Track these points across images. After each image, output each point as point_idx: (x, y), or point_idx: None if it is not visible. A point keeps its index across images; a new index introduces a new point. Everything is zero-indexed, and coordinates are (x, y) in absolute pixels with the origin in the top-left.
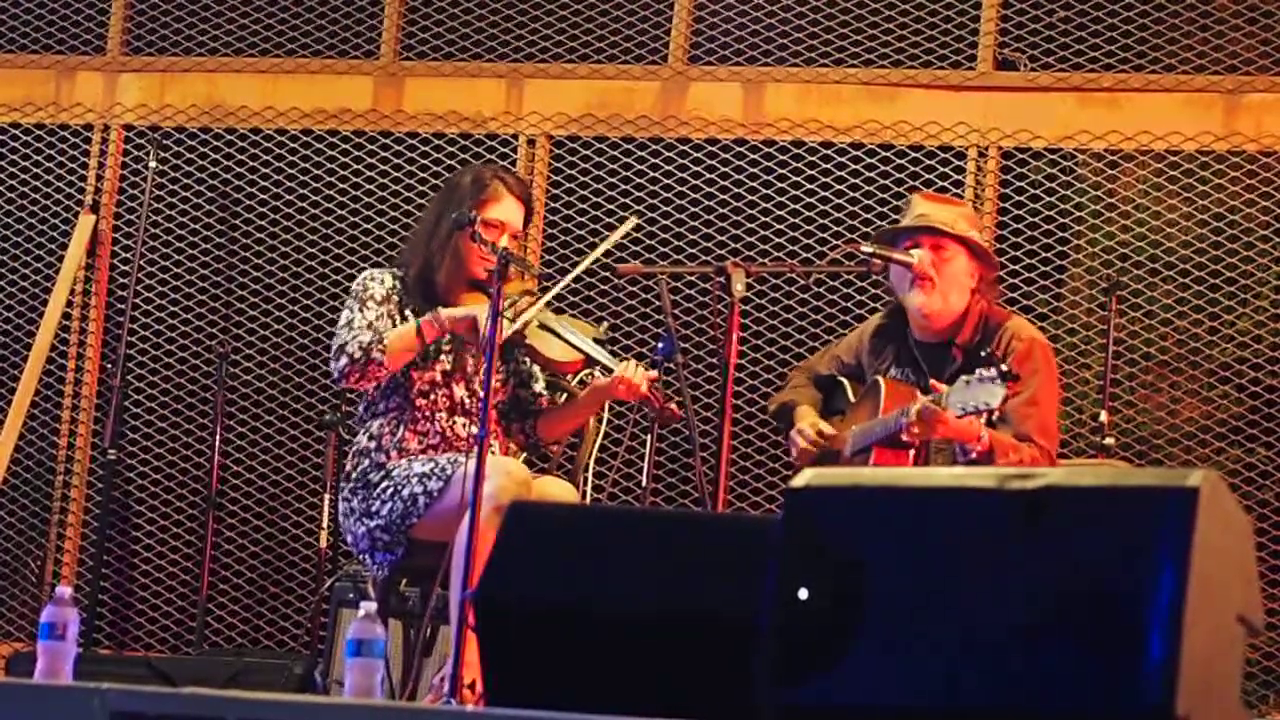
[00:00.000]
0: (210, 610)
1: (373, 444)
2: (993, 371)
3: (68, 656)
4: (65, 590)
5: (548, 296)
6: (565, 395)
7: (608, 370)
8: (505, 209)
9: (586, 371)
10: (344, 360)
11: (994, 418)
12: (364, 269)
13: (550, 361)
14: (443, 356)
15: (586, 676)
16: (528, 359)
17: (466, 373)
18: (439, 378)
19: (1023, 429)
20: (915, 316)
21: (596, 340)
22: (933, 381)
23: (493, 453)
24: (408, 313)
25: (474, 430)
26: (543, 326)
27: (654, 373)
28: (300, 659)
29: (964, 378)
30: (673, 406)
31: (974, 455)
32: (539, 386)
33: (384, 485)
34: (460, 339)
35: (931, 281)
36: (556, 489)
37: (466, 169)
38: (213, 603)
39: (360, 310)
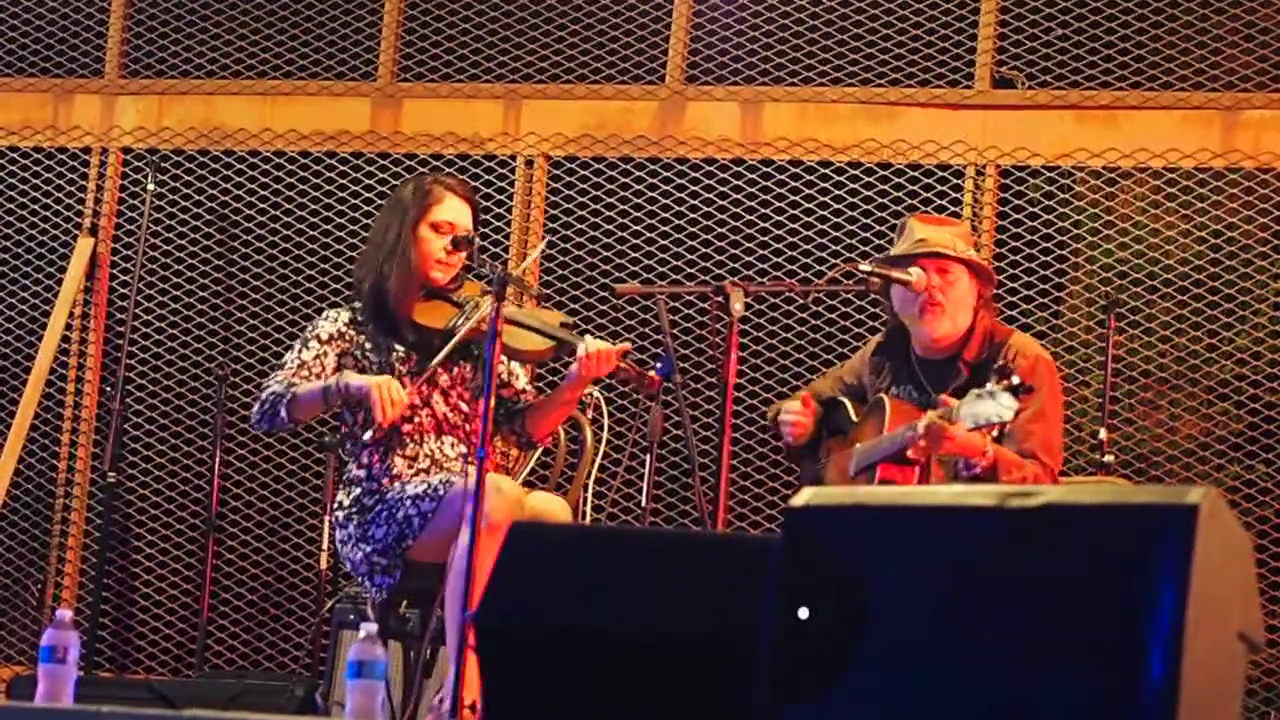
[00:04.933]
0: (211, 632)
1: (363, 473)
2: (1005, 385)
3: (69, 680)
4: (66, 613)
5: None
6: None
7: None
8: (450, 209)
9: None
10: (255, 407)
11: (1004, 431)
12: (352, 295)
13: (521, 353)
14: (416, 384)
15: (588, 697)
16: (503, 356)
17: (442, 387)
18: (417, 400)
19: (1027, 445)
20: (923, 339)
21: (563, 324)
22: (943, 397)
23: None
24: (366, 346)
25: (463, 450)
26: (508, 320)
27: (625, 345)
28: (301, 681)
29: (974, 391)
30: (651, 374)
31: (978, 470)
32: (520, 383)
33: (378, 510)
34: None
35: (941, 307)
36: (549, 505)
37: (404, 183)
38: (213, 625)
39: (299, 350)
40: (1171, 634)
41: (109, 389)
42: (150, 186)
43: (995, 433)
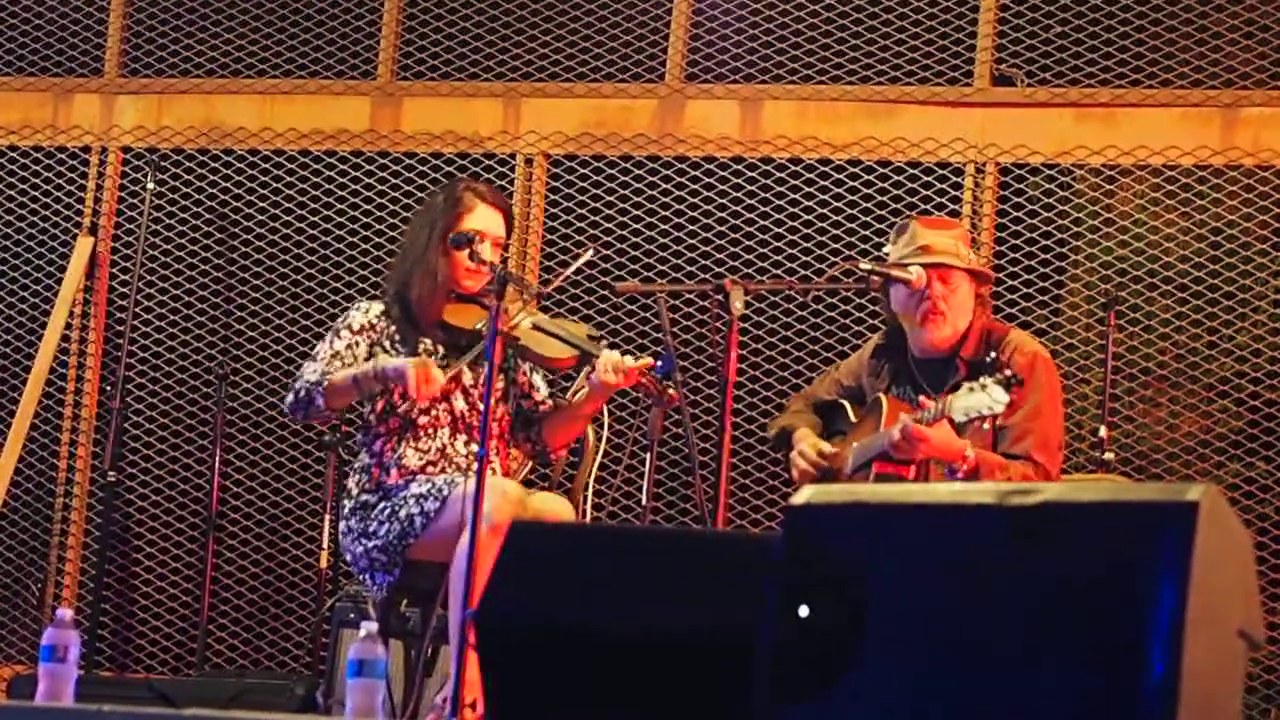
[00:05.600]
0: (211, 631)
1: (373, 460)
2: (997, 377)
3: (69, 679)
4: (66, 613)
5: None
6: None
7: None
8: (481, 218)
9: (584, 368)
10: (290, 398)
11: (997, 424)
12: (363, 289)
13: (545, 359)
14: (457, 366)
15: (588, 696)
16: (524, 361)
17: (464, 384)
18: (437, 393)
19: (1022, 445)
20: (921, 342)
21: (590, 337)
22: (921, 397)
23: (492, 472)
24: (396, 338)
25: (475, 449)
26: (536, 328)
27: (648, 360)
28: (302, 679)
29: (967, 384)
30: (670, 391)
31: (959, 475)
32: (540, 395)
33: (382, 506)
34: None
35: (944, 315)
36: (552, 505)
37: (439, 189)
38: (214, 624)
39: (331, 341)
40: (1171, 632)
41: (109, 388)
42: (150, 186)
43: (986, 425)
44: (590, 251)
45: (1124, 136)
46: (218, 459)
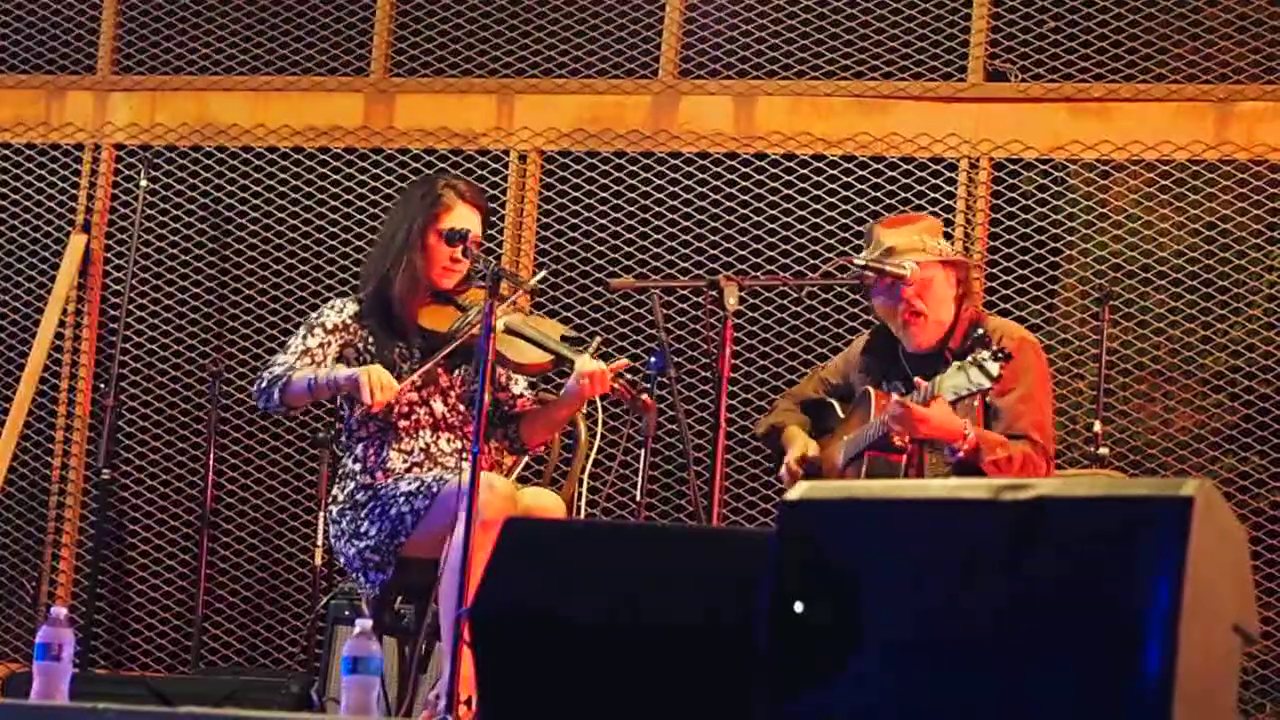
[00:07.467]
0: (206, 629)
1: (358, 466)
2: (985, 353)
3: (64, 677)
4: (60, 611)
5: (504, 305)
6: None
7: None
8: (460, 216)
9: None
10: (256, 385)
11: (989, 404)
12: (357, 286)
13: (519, 366)
14: (412, 376)
15: (583, 692)
16: (499, 365)
17: (441, 387)
18: (416, 397)
19: (1017, 426)
20: (909, 343)
21: (564, 338)
22: (917, 379)
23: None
24: (369, 340)
25: (458, 446)
26: (509, 331)
27: (621, 362)
28: (297, 677)
29: (957, 364)
30: (645, 397)
31: (961, 454)
32: (518, 389)
33: (371, 506)
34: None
35: (922, 316)
36: (543, 501)
37: (415, 184)
38: (209, 622)
39: (305, 336)
40: (1167, 626)
41: (103, 386)
42: (143, 183)
43: (977, 403)
44: (543, 273)
45: (1118, 131)
46: (212, 456)
